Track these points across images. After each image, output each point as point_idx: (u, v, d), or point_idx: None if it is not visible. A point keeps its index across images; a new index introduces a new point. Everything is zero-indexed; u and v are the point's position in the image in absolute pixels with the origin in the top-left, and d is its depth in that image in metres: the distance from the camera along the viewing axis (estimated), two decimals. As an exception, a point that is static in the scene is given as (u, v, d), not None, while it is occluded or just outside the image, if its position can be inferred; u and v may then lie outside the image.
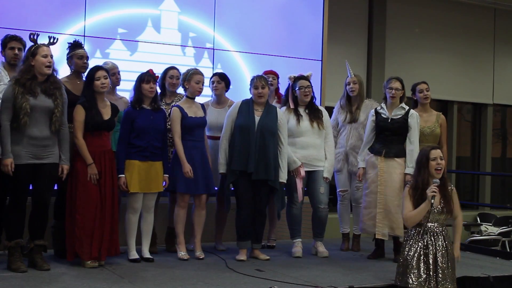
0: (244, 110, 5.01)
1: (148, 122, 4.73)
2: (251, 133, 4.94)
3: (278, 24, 6.59)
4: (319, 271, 4.69)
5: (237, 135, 4.97)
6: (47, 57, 4.22)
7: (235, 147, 4.95)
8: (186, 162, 4.83)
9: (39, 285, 3.90)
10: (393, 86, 5.23)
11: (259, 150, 4.92)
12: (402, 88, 5.25)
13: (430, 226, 4.04)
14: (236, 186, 4.99)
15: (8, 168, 4.12)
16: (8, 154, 4.12)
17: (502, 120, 10.21)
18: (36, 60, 4.20)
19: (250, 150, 4.90)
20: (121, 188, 4.67)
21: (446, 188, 4.09)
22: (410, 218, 4.03)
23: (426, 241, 4.01)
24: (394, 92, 5.20)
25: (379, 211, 5.12)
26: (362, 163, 5.31)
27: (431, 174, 4.02)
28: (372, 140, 5.30)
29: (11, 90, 4.15)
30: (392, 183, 5.11)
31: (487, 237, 7.60)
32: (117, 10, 5.79)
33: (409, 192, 4.09)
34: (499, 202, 9.80)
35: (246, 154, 4.90)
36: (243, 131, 4.95)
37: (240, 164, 4.90)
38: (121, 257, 4.78)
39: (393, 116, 5.21)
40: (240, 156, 4.91)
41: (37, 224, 4.35)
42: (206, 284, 4.10)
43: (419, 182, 4.05)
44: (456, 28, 9.00)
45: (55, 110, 4.23)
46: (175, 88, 5.31)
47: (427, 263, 3.98)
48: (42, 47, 4.24)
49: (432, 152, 4.05)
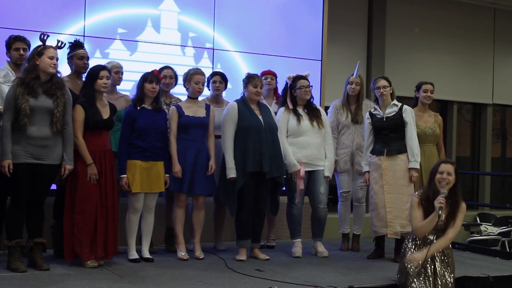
0: (244, 111, 4.99)
1: (149, 122, 4.73)
2: (261, 132, 4.94)
3: (278, 24, 6.59)
4: (319, 271, 4.69)
5: (244, 137, 4.93)
6: (53, 59, 4.23)
7: (247, 149, 4.90)
8: (177, 162, 4.84)
9: (39, 285, 3.90)
10: (380, 85, 5.25)
11: (271, 148, 4.94)
12: (389, 85, 5.27)
13: (430, 237, 4.04)
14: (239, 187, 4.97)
15: (5, 170, 4.12)
16: (7, 155, 4.12)
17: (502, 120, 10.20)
18: (41, 60, 4.21)
19: (263, 149, 4.90)
20: (123, 189, 4.67)
21: (457, 206, 4.05)
22: (420, 229, 4.02)
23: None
24: (382, 90, 5.23)
25: (388, 210, 5.11)
26: (366, 167, 5.31)
27: (437, 187, 4.01)
28: (372, 142, 5.30)
29: (13, 91, 4.16)
30: (397, 180, 5.11)
31: (487, 237, 7.59)
32: (116, 10, 5.79)
33: (417, 203, 4.07)
34: (499, 202, 9.79)
35: (259, 155, 4.90)
36: (252, 132, 4.93)
37: (255, 165, 4.88)
38: (121, 257, 4.78)
39: (387, 114, 5.22)
40: (255, 158, 4.89)
41: (34, 223, 4.36)
42: (206, 284, 4.10)
43: (430, 194, 4.03)
44: (456, 28, 8.99)
45: (55, 111, 4.23)
46: (168, 88, 5.29)
47: (426, 274, 3.95)
48: (49, 48, 4.26)
49: (441, 166, 4.04)
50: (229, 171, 4.89)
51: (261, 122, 4.98)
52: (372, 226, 5.32)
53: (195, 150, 4.93)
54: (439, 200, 3.92)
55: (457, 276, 4.52)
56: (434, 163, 4.26)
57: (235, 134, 4.96)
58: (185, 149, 4.90)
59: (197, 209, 5.03)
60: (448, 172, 4.00)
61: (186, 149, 4.90)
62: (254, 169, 4.88)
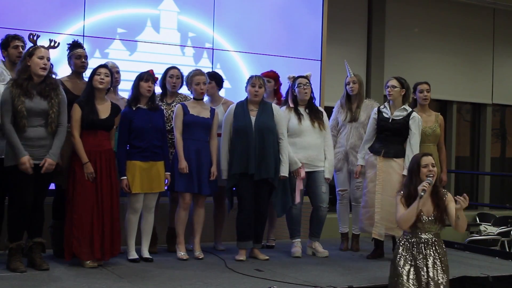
0: (239, 112, 5.00)
1: (146, 121, 4.72)
2: (249, 134, 4.93)
3: (278, 24, 6.58)
4: (318, 271, 4.69)
5: (235, 138, 4.97)
6: (43, 59, 4.20)
7: (235, 151, 4.94)
8: (183, 158, 4.85)
9: (38, 285, 3.90)
10: (389, 84, 5.25)
11: (259, 150, 4.92)
12: (400, 87, 5.22)
13: (422, 237, 3.94)
14: (237, 187, 4.99)
15: (26, 166, 4.10)
16: (23, 152, 4.11)
17: (501, 120, 10.21)
18: (32, 61, 4.19)
19: (250, 151, 4.90)
20: (123, 190, 4.67)
21: (440, 197, 3.96)
22: (402, 218, 3.91)
23: (418, 253, 3.90)
24: (390, 89, 5.21)
25: (376, 210, 5.12)
26: (361, 161, 5.32)
27: (423, 181, 3.91)
28: (373, 138, 5.30)
29: (9, 92, 4.15)
30: (390, 182, 5.10)
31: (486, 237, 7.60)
32: (116, 10, 5.79)
33: (401, 201, 3.99)
34: (498, 202, 9.80)
35: (245, 156, 4.90)
36: (240, 133, 4.95)
37: (241, 166, 4.90)
38: (121, 257, 4.77)
39: (394, 117, 5.21)
40: (241, 159, 4.90)
41: (34, 223, 4.35)
42: (205, 284, 4.10)
43: (412, 190, 3.94)
44: (455, 28, 9.00)
45: (50, 112, 4.22)
46: (175, 88, 5.28)
47: (419, 276, 3.86)
48: (39, 48, 4.23)
49: (423, 159, 3.97)
50: (222, 172, 5.01)
51: (250, 123, 4.96)
52: (359, 222, 5.34)
53: (197, 149, 4.93)
54: (422, 184, 3.84)
55: (457, 276, 4.53)
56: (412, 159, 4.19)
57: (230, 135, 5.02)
58: (187, 148, 4.90)
59: (197, 208, 5.04)
60: (432, 164, 3.96)
61: (188, 148, 4.91)
62: (240, 171, 4.90)
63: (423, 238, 3.94)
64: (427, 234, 3.95)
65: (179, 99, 5.26)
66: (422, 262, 3.89)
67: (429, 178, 3.90)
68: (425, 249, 3.92)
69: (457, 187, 9.11)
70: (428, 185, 3.86)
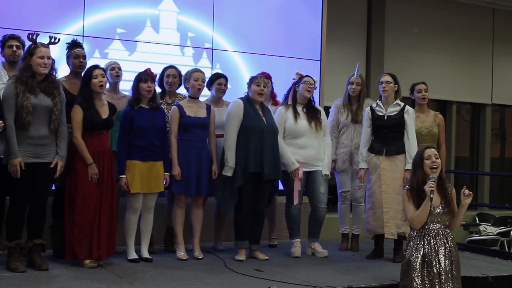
0: (250, 110, 4.96)
1: (147, 121, 4.73)
2: (264, 134, 4.93)
3: (277, 24, 6.58)
4: (318, 271, 4.69)
5: (246, 136, 4.89)
6: (43, 59, 4.20)
7: (249, 150, 4.87)
8: (177, 164, 4.84)
9: (38, 285, 3.90)
10: (383, 80, 5.27)
11: (272, 150, 4.93)
12: (394, 82, 5.26)
13: (432, 227, 3.98)
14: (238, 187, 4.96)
15: (17, 168, 4.10)
16: (16, 154, 4.10)
17: (501, 120, 10.21)
18: (32, 60, 4.20)
19: (265, 151, 4.89)
20: (122, 189, 4.67)
21: (445, 189, 4.03)
22: (415, 218, 3.96)
23: (429, 243, 3.94)
24: (384, 85, 5.23)
25: (385, 210, 5.11)
26: (363, 164, 5.30)
27: (427, 173, 3.97)
28: (370, 139, 5.30)
29: (13, 88, 4.14)
30: (395, 181, 5.11)
31: (486, 237, 7.59)
32: (116, 10, 5.79)
33: (407, 194, 4.03)
34: (498, 202, 9.80)
35: (260, 156, 4.88)
36: (255, 132, 4.91)
37: (256, 166, 4.87)
38: (120, 257, 4.78)
39: (389, 113, 5.22)
40: (256, 158, 4.88)
41: (35, 223, 4.35)
42: (205, 284, 4.10)
43: (415, 183, 4.00)
44: (455, 28, 8.99)
45: (54, 109, 4.23)
46: (172, 87, 5.28)
47: (431, 266, 3.89)
48: (40, 47, 4.23)
49: (426, 151, 4.02)
50: (227, 169, 4.86)
51: (264, 123, 4.96)
52: (366, 224, 5.33)
53: (198, 150, 4.93)
54: (429, 184, 3.89)
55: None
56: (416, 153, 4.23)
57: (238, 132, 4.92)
58: (187, 149, 4.89)
59: (196, 208, 5.03)
60: (435, 155, 4.00)
61: (188, 150, 4.90)
62: (255, 170, 4.87)
63: (434, 229, 3.97)
64: (437, 225, 3.99)
65: (179, 99, 5.26)
66: (434, 253, 3.91)
67: (432, 175, 3.93)
68: (436, 241, 3.94)
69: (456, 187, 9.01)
70: (433, 183, 3.90)
